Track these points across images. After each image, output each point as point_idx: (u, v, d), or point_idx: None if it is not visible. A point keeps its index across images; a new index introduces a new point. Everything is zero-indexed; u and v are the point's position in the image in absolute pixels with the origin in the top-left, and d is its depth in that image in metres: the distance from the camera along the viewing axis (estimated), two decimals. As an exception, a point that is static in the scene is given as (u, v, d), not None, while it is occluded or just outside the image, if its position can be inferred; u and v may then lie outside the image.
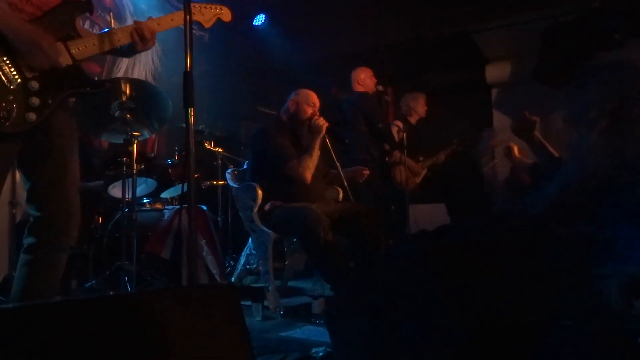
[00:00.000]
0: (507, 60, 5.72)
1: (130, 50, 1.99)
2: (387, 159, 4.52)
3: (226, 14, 2.18)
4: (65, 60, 1.76)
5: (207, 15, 2.11)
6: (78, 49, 1.80)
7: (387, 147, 4.36)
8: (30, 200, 1.83)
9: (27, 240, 1.82)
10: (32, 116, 1.66)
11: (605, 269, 1.45)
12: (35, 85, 1.68)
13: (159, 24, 1.98)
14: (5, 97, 1.62)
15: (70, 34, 1.81)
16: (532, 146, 2.13)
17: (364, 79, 4.40)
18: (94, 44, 1.85)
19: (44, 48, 1.68)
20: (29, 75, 1.68)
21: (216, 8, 2.17)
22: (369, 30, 5.69)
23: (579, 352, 1.51)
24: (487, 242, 1.57)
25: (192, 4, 1.79)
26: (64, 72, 1.76)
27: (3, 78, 1.63)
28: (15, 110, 1.63)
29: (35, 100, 1.68)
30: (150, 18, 1.98)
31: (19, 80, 1.66)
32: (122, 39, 1.91)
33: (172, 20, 2.01)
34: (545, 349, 1.45)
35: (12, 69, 1.66)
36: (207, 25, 2.12)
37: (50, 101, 1.71)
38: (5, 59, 1.65)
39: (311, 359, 1.83)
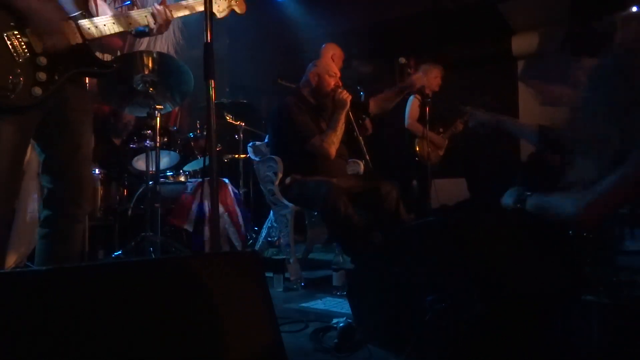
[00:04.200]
0: (534, 31, 5.55)
1: (142, 34, 2.05)
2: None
3: (240, 6, 2.19)
4: (75, 39, 1.79)
5: (222, 6, 2.15)
6: (88, 29, 1.83)
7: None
8: (45, 173, 1.87)
9: (43, 214, 1.88)
10: (38, 91, 1.69)
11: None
12: (43, 60, 1.70)
13: (174, 10, 2.02)
14: (12, 69, 1.64)
15: (81, 13, 1.84)
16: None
17: (336, 55, 4.37)
18: (104, 25, 1.87)
19: (60, 29, 1.71)
20: (38, 50, 1.70)
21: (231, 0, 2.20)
22: (392, 1, 5.57)
23: (603, 327, 1.50)
24: (509, 216, 1.56)
25: None
26: (72, 50, 1.78)
27: (12, 51, 1.65)
28: (21, 84, 1.65)
29: (42, 76, 1.70)
30: (164, 1, 2.02)
31: (27, 54, 1.68)
32: (135, 23, 1.95)
33: (185, 7, 2.07)
34: (567, 322, 1.44)
35: (22, 43, 1.67)
36: (220, 15, 2.15)
37: (56, 77, 1.73)
38: (16, 32, 1.66)
39: (332, 329, 1.85)
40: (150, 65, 2.90)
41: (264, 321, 1.12)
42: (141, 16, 1.96)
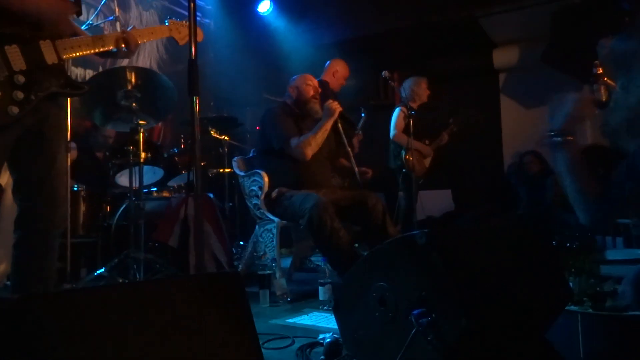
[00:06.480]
0: (515, 45, 5.66)
1: (114, 55, 2.08)
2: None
3: (199, 35, 2.26)
4: (51, 59, 1.78)
5: (183, 33, 2.26)
6: (64, 49, 1.83)
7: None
8: (18, 190, 1.84)
9: (16, 233, 1.83)
10: (15, 110, 1.66)
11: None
12: (21, 79, 1.69)
13: (140, 36, 2.10)
14: None
15: (59, 34, 1.84)
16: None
17: (339, 72, 4.30)
18: (79, 46, 1.89)
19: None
20: (16, 68, 1.68)
21: None
22: (375, 15, 5.63)
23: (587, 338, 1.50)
24: (494, 228, 1.57)
25: (170, 21, 2.20)
26: (49, 69, 1.77)
27: None
28: None
29: (19, 95, 1.68)
30: (134, 28, 2.12)
31: (5, 72, 1.66)
32: (109, 44, 2.00)
33: (151, 33, 2.25)
34: (552, 335, 1.44)
35: None
36: (182, 42, 2.27)
37: (33, 97, 1.72)
38: None
39: (318, 345, 1.84)
40: (133, 80, 2.89)
41: (245, 343, 1.11)
42: (113, 38, 2.01)
